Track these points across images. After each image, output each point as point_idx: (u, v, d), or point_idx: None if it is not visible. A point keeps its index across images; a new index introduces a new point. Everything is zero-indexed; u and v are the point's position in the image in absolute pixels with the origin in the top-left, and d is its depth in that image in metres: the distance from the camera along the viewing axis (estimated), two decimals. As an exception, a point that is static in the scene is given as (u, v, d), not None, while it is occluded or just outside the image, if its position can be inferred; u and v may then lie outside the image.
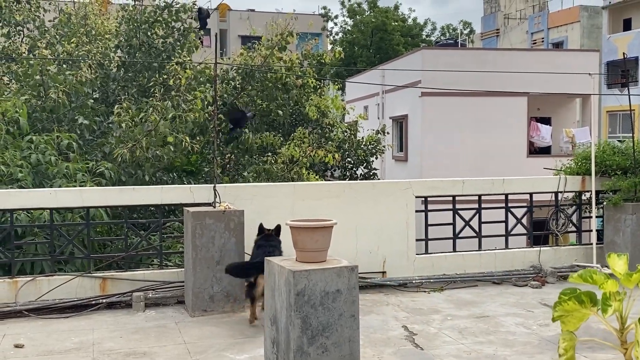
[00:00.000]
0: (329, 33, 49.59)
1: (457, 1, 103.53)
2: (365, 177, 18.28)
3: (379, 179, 19.87)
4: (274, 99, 14.38)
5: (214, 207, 7.22)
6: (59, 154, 9.91)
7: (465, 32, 52.21)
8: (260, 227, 6.96)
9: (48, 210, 7.50)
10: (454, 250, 8.62)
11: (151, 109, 11.19)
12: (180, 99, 11.75)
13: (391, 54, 43.04)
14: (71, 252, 7.69)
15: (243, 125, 11.45)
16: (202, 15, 8.91)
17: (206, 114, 12.19)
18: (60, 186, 8.91)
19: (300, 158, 13.49)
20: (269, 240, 6.79)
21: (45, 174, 9.37)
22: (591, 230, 9.12)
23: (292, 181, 12.84)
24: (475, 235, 8.72)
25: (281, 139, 14.54)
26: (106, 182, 9.70)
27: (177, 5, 14.06)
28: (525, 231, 9.22)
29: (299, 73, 15.26)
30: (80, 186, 9.02)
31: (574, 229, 9.36)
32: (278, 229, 6.85)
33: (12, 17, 14.77)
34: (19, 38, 15.72)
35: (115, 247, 8.77)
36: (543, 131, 24.39)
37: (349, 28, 50.41)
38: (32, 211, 7.88)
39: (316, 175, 14.22)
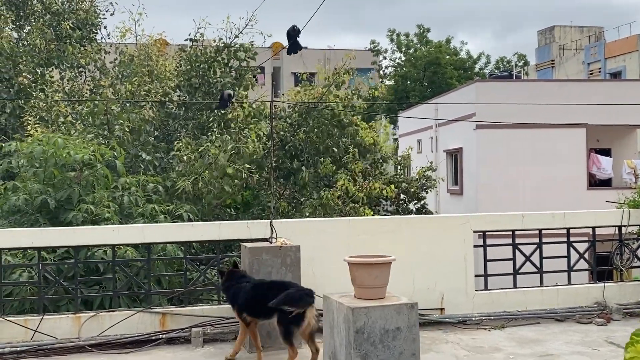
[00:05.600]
0: (378, 67, 49.73)
1: (519, 33, 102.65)
2: (418, 211, 18.15)
3: (431, 213, 19.66)
4: (330, 136, 14.54)
5: (271, 242, 7.26)
6: (144, 195, 10.21)
7: (520, 64, 51.68)
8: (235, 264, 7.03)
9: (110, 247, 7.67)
10: (515, 286, 8.42)
11: (210, 143, 11.49)
12: (240, 134, 12.03)
13: (444, 88, 42.88)
14: (138, 287, 7.82)
15: (225, 106, 11.50)
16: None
17: (262, 150, 12.40)
18: None
19: (357, 193, 13.52)
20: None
21: (130, 214, 9.64)
22: (658, 266, 8.79)
23: (348, 216, 12.84)
24: (536, 270, 8.51)
25: (333, 167, 14.61)
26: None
27: (236, 46, 14.42)
28: (588, 266, 8.95)
29: (353, 109, 15.42)
30: None
31: (639, 263, 9.03)
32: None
33: (75, 60, 15.40)
34: (81, 79, 16.38)
35: (175, 282, 8.89)
36: (603, 163, 23.79)
37: (400, 62, 50.52)
38: (115, 247, 8.06)
39: (371, 209, 14.19)
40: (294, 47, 7.52)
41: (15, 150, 9.83)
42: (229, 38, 14.50)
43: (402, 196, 17.80)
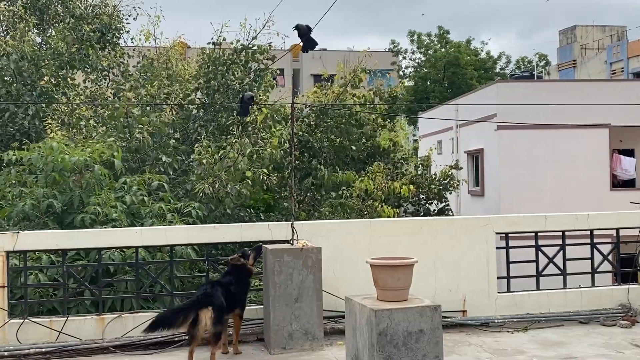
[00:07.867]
0: (398, 67, 49.61)
1: (546, 32, 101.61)
2: (439, 212, 18.05)
3: (452, 214, 19.53)
4: (348, 134, 14.54)
5: (292, 244, 7.28)
6: (149, 194, 10.25)
7: (541, 64, 51.28)
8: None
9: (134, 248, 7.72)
10: (538, 288, 8.35)
11: (229, 146, 11.53)
12: (258, 137, 12.06)
13: (464, 88, 42.68)
14: (160, 290, 7.87)
15: (247, 112, 11.42)
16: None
17: (282, 151, 12.43)
18: (151, 225, 9.20)
19: (375, 191, 13.49)
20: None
21: (138, 214, 9.70)
22: (684, 267, 8.67)
23: (367, 215, 12.83)
24: (559, 272, 8.43)
25: (355, 174, 14.62)
26: (193, 221, 9.93)
27: (254, 47, 14.48)
28: (611, 268, 8.85)
29: (372, 108, 15.41)
30: (169, 225, 9.29)
31: (664, 265, 8.91)
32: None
33: (98, 63, 15.55)
34: (104, 82, 16.54)
35: (198, 283, 8.93)
36: (626, 164, 23.52)
37: (419, 62, 50.37)
38: (123, 250, 8.12)
39: (390, 207, 14.11)
40: (309, 43, 7.54)
41: (17, 160, 9.93)
42: (247, 40, 14.59)
43: (421, 197, 17.67)
